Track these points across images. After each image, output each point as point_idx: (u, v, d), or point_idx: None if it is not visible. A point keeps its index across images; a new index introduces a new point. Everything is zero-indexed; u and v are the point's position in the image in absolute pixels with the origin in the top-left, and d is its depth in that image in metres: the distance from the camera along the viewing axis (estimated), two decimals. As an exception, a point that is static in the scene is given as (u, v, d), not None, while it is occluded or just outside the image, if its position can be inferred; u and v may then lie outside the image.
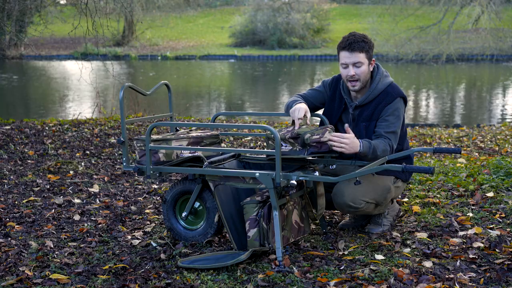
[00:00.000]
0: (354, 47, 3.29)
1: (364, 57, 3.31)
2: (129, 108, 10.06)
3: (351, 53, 3.30)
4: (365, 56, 3.31)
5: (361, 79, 3.33)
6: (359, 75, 3.32)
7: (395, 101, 3.33)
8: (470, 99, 15.49)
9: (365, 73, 3.33)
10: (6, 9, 8.98)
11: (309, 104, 3.49)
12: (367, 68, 3.33)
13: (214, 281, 2.82)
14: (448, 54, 19.74)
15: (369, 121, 3.36)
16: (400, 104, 3.36)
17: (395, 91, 3.35)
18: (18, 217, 3.99)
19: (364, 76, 3.33)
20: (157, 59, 28.16)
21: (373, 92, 3.36)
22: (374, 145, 3.22)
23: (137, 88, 3.48)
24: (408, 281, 2.71)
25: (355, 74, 3.31)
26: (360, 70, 3.31)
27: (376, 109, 3.35)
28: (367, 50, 3.31)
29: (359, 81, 3.34)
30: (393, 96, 3.34)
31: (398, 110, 3.34)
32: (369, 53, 3.33)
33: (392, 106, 3.32)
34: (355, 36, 3.31)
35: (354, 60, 3.30)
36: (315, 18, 31.77)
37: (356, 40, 3.29)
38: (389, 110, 3.32)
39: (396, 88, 3.37)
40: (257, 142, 6.78)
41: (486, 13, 18.42)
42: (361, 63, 3.31)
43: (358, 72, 3.32)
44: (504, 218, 3.55)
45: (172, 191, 3.46)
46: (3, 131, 7.25)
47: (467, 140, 6.82)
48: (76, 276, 2.95)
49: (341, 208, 3.30)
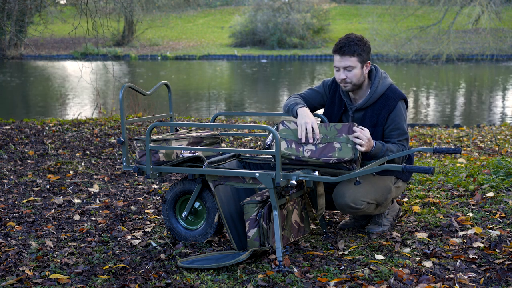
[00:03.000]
0: (344, 51, 3.28)
1: (355, 61, 3.29)
2: (129, 108, 10.06)
3: (342, 57, 3.30)
4: (357, 59, 3.29)
5: (353, 82, 3.33)
6: (351, 79, 3.32)
7: (398, 105, 3.35)
8: (470, 99, 15.49)
9: (357, 76, 3.32)
10: (6, 9, 8.99)
11: (308, 105, 3.48)
12: (359, 71, 3.32)
13: (214, 281, 2.82)
14: (448, 54, 19.74)
15: (374, 127, 3.36)
16: (402, 107, 3.39)
17: (396, 95, 3.35)
18: (18, 217, 3.99)
19: (356, 79, 3.33)
20: (157, 59, 28.16)
21: (373, 96, 3.36)
22: (387, 147, 3.28)
23: (137, 88, 3.48)
24: (408, 281, 2.71)
25: (346, 77, 3.32)
26: (351, 73, 3.31)
27: (380, 115, 3.35)
28: (359, 53, 3.28)
29: (351, 83, 3.34)
30: (395, 100, 3.34)
31: (402, 114, 3.37)
32: (362, 56, 3.30)
33: (397, 112, 3.34)
34: (348, 39, 3.29)
35: (344, 64, 3.30)
36: (315, 18, 31.77)
37: (347, 44, 3.28)
38: (396, 118, 3.34)
39: (396, 90, 3.37)
40: (257, 142, 6.78)
41: (486, 13, 18.42)
42: (352, 66, 3.29)
43: (350, 76, 3.31)
44: (504, 218, 3.55)
45: (172, 191, 3.46)
46: (3, 131, 7.25)
47: (467, 140, 6.82)
48: (76, 276, 2.95)
49: (342, 209, 3.30)
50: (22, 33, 16.12)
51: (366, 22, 27.97)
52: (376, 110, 3.36)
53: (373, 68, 3.42)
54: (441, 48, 19.72)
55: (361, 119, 3.40)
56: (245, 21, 32.05)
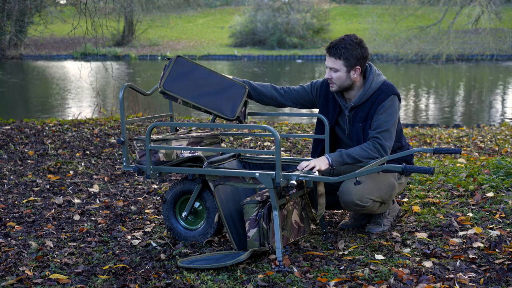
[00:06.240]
0: (331, 52, 3.29)
1: (341, 64, 3.28)
2: (129, 108, 10.06)
3: (329, 57, 3.32)
4: (342, 63, 3.28)
5: (337, 84, 3.33)
6: (335, 80, 3.32)
7: (389, 99, 3.31)
8: (470, 99, 15.49)
9: (341, 79, 3.31)
10: (6, 9, 8.99)
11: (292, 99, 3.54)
12: (344, 75, 3.30)
13: (214, 281, 2.82)
14: (448, 54, 19.76)
15: (365, 121, 3.35)
16: (394, 101, 3.33)
17: (389, 89, 3.34)
18: (18, 217, 3.99)
19: (340, 82, 3.32)
20: (157, 59, 28.16)
21: (367, 92, 3.35)
22: (346, 153, 3.22)
23: (137, 88, 3.48)
24: (408, 281, 2.71)
25: (331, 78, 3.32)
26: (335, 75, 3.31)
27: (371, 108, 3.34)
28: (346, 58, 3.27)
29: (336, 84, 3.34)
30: (387, 94, 3.32)
31: (391, 107, 3.31)
32: (349, 60, 3.27)
33: (386, 104, 3.30)
34: (340, 41, 3.28)
35: (330, 64, 3.31)
36: (315, 18, 31.78)
37: (336, 46, 3.28)
38: (382, 108, 3.30)
39: (390, 86, 3.36)
40: (257, 142, 6.78)
41: (486, 13, 18.43)
42: (336, 69, 3.29)
43: (334, 77, 3.31)
44: (504, 218, 3.55)
45: (172, 191, 3.46)
46: (3, 131, 7.25)
47: (467, 140, 6.82)
48: (76, 276, 2.95)
49: (348, 206, 3.29)
50: (22, 33, 16.12)
51: (366, 22, 27.98)
52: (368, 104, 3.35)
53: (367, 66, 3.41)
54: (441, 48, 19.73)
55: (353, 115, 3.39)
56: (245, 21, 32.07)
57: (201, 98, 3.36)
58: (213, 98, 3.38)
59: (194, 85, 3.36)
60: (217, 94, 3.40)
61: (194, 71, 3.38)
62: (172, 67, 3.33)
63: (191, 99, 3.34)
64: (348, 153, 3.22)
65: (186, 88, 3.34)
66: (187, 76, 3.36)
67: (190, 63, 3.38)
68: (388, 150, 3.29)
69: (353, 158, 3.23)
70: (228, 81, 3.44)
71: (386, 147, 3.27)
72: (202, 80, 3.39)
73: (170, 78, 3.32)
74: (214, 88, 3.40)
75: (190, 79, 3.36)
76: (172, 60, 3.35)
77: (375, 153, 3.24)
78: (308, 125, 8.30)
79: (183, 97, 3.33)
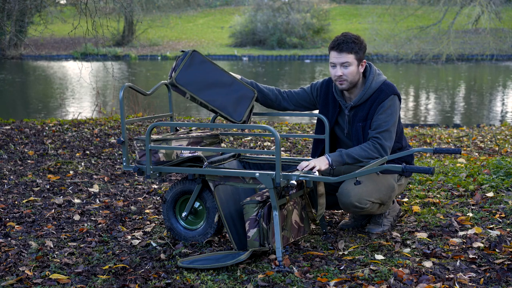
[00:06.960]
0: (342, 48, 3.29)
1: (353, 58, 3.30)
2: (129, 108, 10.06)
3: (340, 53, 3.30)
4: (354, 57, 3.30)
5: (349, 79, 3.33)
6: (347, 76, 3.31)
7: (389, 99, 3.31)
8: (470, 99, 15.49)
9: (353, 74, 3.32)
10: (6, 9, 8.99)
11: (294, 102, 3.56)
12: (355, 69, 3.32)
13: (214, 281, 2.82)
14: (448, 54, 19.75)
15: (365, 121, 3.35)
16: (394, 101, 3.33)
17: (389, 89, 3.34)
18: (18, 217, 3.99)
19: (352, 77, 3.32)
20: (157, 59, 28.16)
21: (367, 92, 3.35)
22: (346, 153, 3.23)
23: (137, 88, 3.48)
24: (408, 281, 2.71)
25: (342, 74, 3.31)
26: (347, 70, 3.31)
27: (371, 108, 3.34)
28: (356, 51, 3.29)
29: (347, 81, 3.34)
30: (387, 93, 3.33)
31: (392, 107, 3.31)
32: (359, 54, 3.31)
33: (386, 104, 3.30)
34: (346, 37, 3.30)
35: (342, 60, 3.30)
36: (315, 18, 31.78)
37: (345, 41, 3.29)
38: (382, 108, 3.30)
39: (390, 85, 3.36)
40: (257, 142, 6.78)
41: (486, 13, 18.43)
42: (349, 63, 3.29)
43: (346, 73, 3.31)
44: (504, 218, 3.55)
45: (172, 191, 3.46)
46: (3, 131, 7.25)
47: (467, 140, 6.82)
48: (76, 276, 2.95)
49: (347, 208, 3.30)
50: (22, 33, 16.11)
51: (366, 22, 27.98)
52: (368, 103, 3.35)
53: (367, 65, 3.42)
54: (441, 48, 19.73)
55: (353, 115, 3.39)
56: (245, 21, 32.07)
57: (210, 96, 3.35)
58: (222, 98, 3.37)
59: (205, 82, 3.34)
60: (227, 95, 3.38)
61: (207, 68, 3.36)
62: (187, 61, 3.31)
63: (201, 96, 3.32)
64: (348, 153, 3.22)
65: (196, 84, 3.32)
66: (200, 72, 3.34)
67: (204, 60, 3.37)
68: (388, 150, 3.29)
69: (353, 158, 3.23)
70: (238, 83, 3.44)
71: (386, 147, 3.27)
72: (213, 79, 3.37)
73: (183, 72, 3.30)
74: (224, 88, 3.39)
75: (202, 75, 3.34)
76: (187, 54, 3.33)
77: (375, 153, 3.24)
78: (308, 125, 8.30)
79: (193, 92, 3.31)
